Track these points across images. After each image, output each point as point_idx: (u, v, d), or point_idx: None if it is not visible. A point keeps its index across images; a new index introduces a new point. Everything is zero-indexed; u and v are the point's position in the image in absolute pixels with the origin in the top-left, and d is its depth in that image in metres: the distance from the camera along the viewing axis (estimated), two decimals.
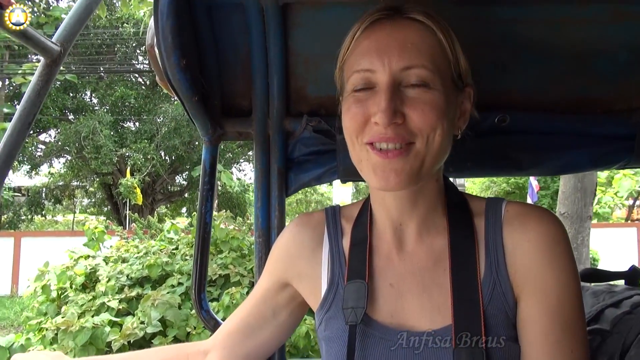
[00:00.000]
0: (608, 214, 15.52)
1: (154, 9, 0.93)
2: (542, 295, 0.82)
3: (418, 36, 0.83)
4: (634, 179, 13.52)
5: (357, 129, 0.84)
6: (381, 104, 0.80)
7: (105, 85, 18.54)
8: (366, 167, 0.86)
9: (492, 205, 0.92)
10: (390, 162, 0.82)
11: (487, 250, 0.87)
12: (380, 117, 0.79)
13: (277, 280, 1.04)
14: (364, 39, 0.85)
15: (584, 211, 5.02)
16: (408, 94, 0.81)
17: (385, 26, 0.84)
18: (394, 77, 0.81)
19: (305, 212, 1.08)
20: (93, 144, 16.71)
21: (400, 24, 0.84)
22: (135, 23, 16.71)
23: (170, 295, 3.54)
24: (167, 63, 0.98)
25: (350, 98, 0.86)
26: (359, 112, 0.84)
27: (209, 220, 1.30)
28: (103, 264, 4.46)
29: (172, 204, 23.48)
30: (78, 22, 1.18)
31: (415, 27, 0.84)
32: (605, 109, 1.29)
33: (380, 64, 0.81)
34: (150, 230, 7.66)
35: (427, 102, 0.80)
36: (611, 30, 1.18)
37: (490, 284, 0.84)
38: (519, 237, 0.86)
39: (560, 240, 0.85)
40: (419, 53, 0.81)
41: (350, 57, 0.87)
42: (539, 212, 0.89)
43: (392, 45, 0.82)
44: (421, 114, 0.80)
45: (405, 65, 0.81)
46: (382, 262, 0.92)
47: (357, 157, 0.88)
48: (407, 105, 0.80)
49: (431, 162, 0.84)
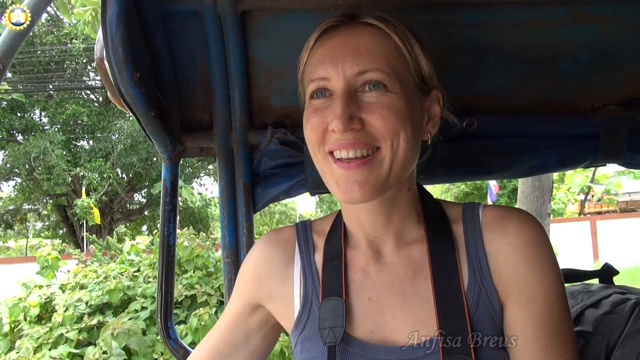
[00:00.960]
0: (562, 210, 16.13)
1: (102, 18, 0.86)
2: (528, 300, 0.81)
3: (372, 40, 0.82)
4: (583, 174, 14.12)
5: (318, 139, 0.82)
6: (336, 110, 0.78)
7: (55, 104, 17.87)
8: (330, 180, 0.84)
9: (469, 211, 0.90)
10: (353, 173, 0.79)
11: (468, 256, 0.85)
12: (336, 124, 0.77)
13: (247, 302, 0.98)
14: (319, 47, 0.84)
15: (543, 209, 5.17)
16: (365, 98, 0.79)
17: (339, 33, 0.83)
18: (348, 83, 0.79)
19: (274, 229, 1.04)
20: (44, 164, 16.05)
21: (354, 29, 0.83)
22: (85, 38, 16.21)
23: (133, 322, 3.37)
24: (119, 77, 0.91)
25: (309, 108, 0.84)
26: (317, 121, 0.82)
27: (172, 243, 1.22)
28: (59, 292, 4.21)
29: (132, 223, 22.81)
30: (18, 35, 1.08)
31: (369, 31, 0.83)
32: (570, 109, 1.30)
33: (335, 71, 0.80)
34: (109, 251, 7.38)
35: (385, 106, 0.79)
36: (573, 32, 1.19)
37: (475, 291, 0.82)
38: (499, 242, 0.84)
39: (541, 242, 0.84)
40: (373, 57, 0.80)
41: (307, 68, 0.86)
42: (517, 214, 0.87)
43: (345, 51, 0.81)
44: (380, 117, 0.78)
45: (359, 70, 0.79)
46: (359, 275, 0.89)
47: (321, 169, 0.86)
48: (364, 110, 0.79)
49: (398, 169, 0.81)
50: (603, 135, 1.26)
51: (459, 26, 1.15)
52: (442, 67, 1.21)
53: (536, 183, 5.14)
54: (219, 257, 4.93)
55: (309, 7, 1.09)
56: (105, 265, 4.91)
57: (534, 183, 5.16)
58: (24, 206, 20.59)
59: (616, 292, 1.10)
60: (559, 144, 1.28)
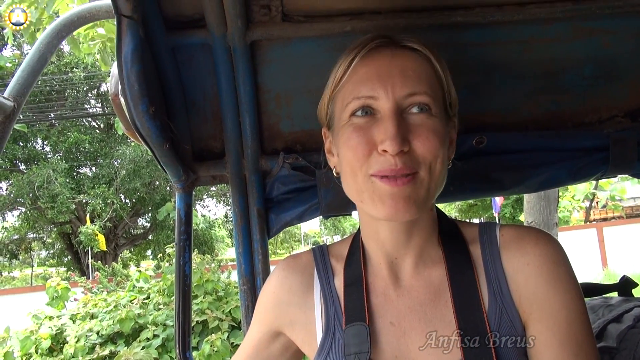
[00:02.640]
0: (568, 217, 16.07)
1: (117, 56, 0.88)
2: (551, 320, 0.80)
3: (417, 64, 0.83)
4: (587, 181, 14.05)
5: (360, 159, 0.81)
6: (389, 130, 0.77)
7: (57, 132, 18.01)
8: (370, 197, 0.81)
9: (485, 231, 0.90)
10: (400, 190, 0.78)
11: (487, 278, 0.85)
12: (389, 145, 0.77)
13: (268, 330, 0.98)
14: (362, 66, 0.83)
15: (550, 218, 5.15)
16: (411, 120, 0.80)
17: (385, 54, 0.83)
18: (397, 104, 0.79)
19: (291, 255, 1.03)
20: (48, 193, 16.10)
21: (399, 52, 0.84)
22: (85, 67, 16.40)
23: (145, 351, 3.33)
24: (135, 112, 0.92)
25: (349, 127, 0.82)
26: (362, 140, 0.80)
27: (188, 272, 1.22)
28: (70, 322, 4.17)
29: (137, 248, 22.76)
30: (31, 74, 1.10)
31: (414, 55, 0.84)
32: (578, 122, 1.31)
33: (383, 90, 0.80)
34: (115, 277, 7.34)
35: (430, 129, 0.79)
36: (575, 46, 1.21)
37: (497, 313, 0.82)
38: (518, 262, 0.84)
39: (561, 260, 0.84)
40: (419, 80, 0.81)
41: (347, 85, 0.84)
42: (534, 234, 0.87)
43: (393, 73, 0.80)
44: (425, 140, 0.79)
45: (408, 92, 0.79)
46: (379, 300, 0.88)
47: (357, 188, 0.83)
48: (411, 132, 0.79)
49: (434, 190, 0.82)
50: (612, 147, 1.27)
51: (465, 46, 1.17)
52: None
53: (542, 193, 5.12)
54: (228, 281, 4.89)
55: (315, 34, 1.11)
56: (114, 294, 4.88)
57: (540, 193, 5.15)
58: (29, 235, 20.59)
59: (637, 305, 1.09)
60: (568, 158, 1.29)
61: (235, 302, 4.33)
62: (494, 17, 1.09)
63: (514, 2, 1.08)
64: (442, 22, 1.10)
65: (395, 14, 1.08)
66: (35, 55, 1.09)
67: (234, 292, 4.66)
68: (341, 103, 0.85)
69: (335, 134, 0.87)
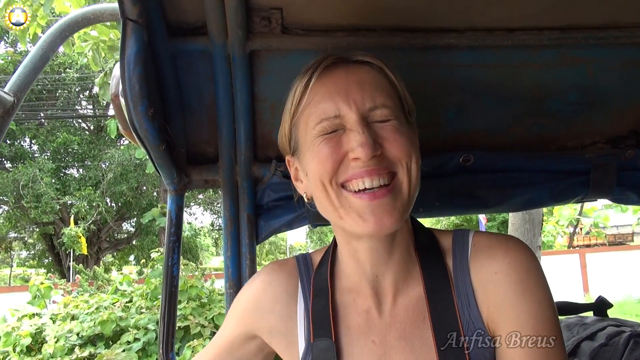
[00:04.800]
0: (552, 242, 16.21)
1: (120, 57, 0.90)
2: (518, 330, 0.79)
3: (372, 76, 0.84)
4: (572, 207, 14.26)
5: (329, 170, 0.80)
6: (358, 137, 0.77)
7: (46, 132, 17.86)
8: (348, 214, 0.80)
9: (459, 240, 0.89)
10: (380, 203, 0.78)
11: (457, 291, 0.84)
12: (361, 151, 0.76)
13: (244, 331, 0.97)
14: (320, 86, 0.83)
15: (534, 241, 5.22)
16: (377, 128, 0.80)
17: (339, 71, 0.84)
18: (362, 115, 0.80)
19: (277, 261, 1.02)
20: (33, 192, 15.89)
21: (353, 67, 0.84)
22: (79, 68, 16.34)
23: (126, 354, 3.30)
24: (134, 112, 0.94)
25: (317, 142, 0.81)
26: (332, 151, 0.80)
27: (176, 273, 1.23)
28: (50, 322, 4.12)
29: (119, 252, 22.47)
30: (33, 71, 1.12)
31: (367, 68, 0.85)
32: (561, 146, 1.35)
33: (346, 106, 0.80)
34: (96, 281, 7.25)
35: (398, 132, 0.80)
36: (561, 73, 1.26)
37: (468, 327, 0.81)
38: (487, 272, 0.83)
39: (531, 268, 0.82)
40: (377, 92, 0.82)
41: (308, 107, 0.83)
42: (504, 241, 0.86)
43: (352, 88, 0.81)
44: (395, 143, 0.79)
45: (370, 106, 0.80)
46: (362, 318, 0.88)
47: (331, 205, 0.81)
48: (380, 137, 0.79)
49: (414, 193, 0.82)
50: (593, 171, 1.32)
51: (456, 67, 1.21)
52: (439, 105, 1.28)
53: (526, 216, 5.21)
54: (212, 288, 4.87)
55: (312, 48, 1.14)
56: (96, 296, 4.83)
57: (524, 216, 5.23)
58: (10, 234, 20.23)
59: (611, 324, 1.12)
60: (551, 180, 1.33)
61: (218, 310, 4.31)
62: (485, 41, 1.13)
63: (504, 27, 1.12)
64: (435, 44, 1.14)
65: (390, 32, 1.12)
66: (38, 53, 1.11)
67: (218, 299, 4.64)
68: (305, 126, 0.84)
69: (302, 156, 0.86)
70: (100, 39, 3.75)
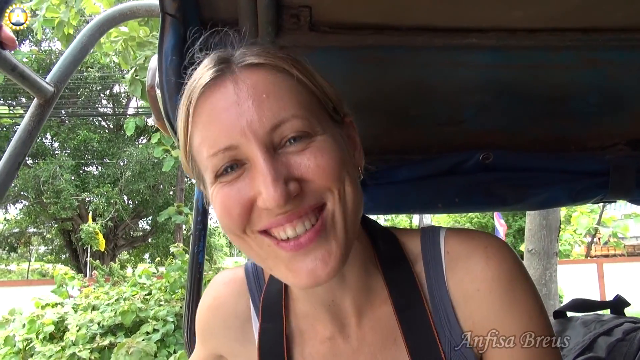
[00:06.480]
0: (569, 251, 16.01)
1: (158, 50, 0.95)
2: (509, 346, 0.71)
3: (270, 82, 0.64)
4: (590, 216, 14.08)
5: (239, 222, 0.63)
6: (264, 181, 0.59)
7: (67, 129, 18.20)
8: (276, 266, 0.66)
9: (428, 244, 0.77)
10: (309, 251, 0.63)
11: (433, 305, 0.74)
12: (270, 200, 0.59)
13: (211, 353, 0.91)
14: (204, 110, 0.65)
15: (550, 247, 5.18)
16: (290, 155, 0.63)
17: (226, 85, 0.64)
18: (264, 144, 0.62)
19: (224, 275, 0.89)
20: (53, 188, 16.22)
21: (244, 74, 0.65)
22: (101, 67, 16.65)
23: (146, 343, 3.38)
24: (169, 103, 0.99)
25: (217, 189, 0.65)
26: (234, 199, 0.63)
27: (201, 260, 1.28)
28: (72, 312, 4.25)
29: (135, 250, 22.76)
30: (73, 63, 1.18)
31: (263, 73, 0.65)
32: (580, 147, 1.37)
33: (240, 133, 0.61)
34: (112, 277, 7.38)
35: (318, 153, 0.63)
36: (582, 75, 1.28)
37: (447, 345, 0.72)
38: (467, 288, 0.73)
39: (515, 278, 0.73)
40: (280, 102, 0.63)
41: (195, 138, 0.66)
42: (483, 246, 0.74)
43: (244, 106, 0.62)
44: (318, 170, 0.62)
45: (272, 124, 0.62)
46: (325, 346, 0.78)
47: (257, 255, 0.67)
48: (296, 169, 0.62)
49: (352, 222, 0.66)
50: (612, 172, 1.33)
51: (478, 66, 1.23)
52: (460, 104, 1.31)
53: (543, 222, 5.17)
54: None
55: (338, 45, 1.18)
56: (117, 287, 4.97)
57: (542, 222, 5.19)
58: (29, 229, 20.65)
59: (627, 321, 1.14)
60: (569, 180, 1.35)
61: None
62: (506, 42, 1.16)
63: (526, 28, 1.15)
64: (457, 43, 1.17)
65: (413, 32, 1.15)
66: (78, 46, 1.17)
67: None
68: (200, 162, 0.67)
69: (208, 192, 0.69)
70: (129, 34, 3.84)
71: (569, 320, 1.29)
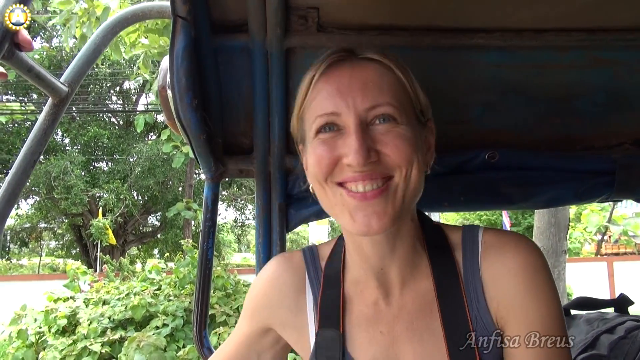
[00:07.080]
0: (578, 249, 15.89)
1: (170, 52, 0.97)
2: (527, 328, 0.81)
3: (377, 75, 0.82)
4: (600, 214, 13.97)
5: (324, 170, 0.80)
6: (352, 144, 0.76)
7: (78, 126, 18.36)
8: (342, 212, 0.81)
9: (468, 236, 0.90)
10: (370, 205, 0.78)
11: (467, 286, 0.85)
12: (353, 159, 0.76)
13: (259, 326, 1.00)
14: (323, 82, 0.83)
15: (559, 245, 5.16)
16: (377, 131, 0.79)
17: (344, 68, 0.82)
18: (360, 117, 0.78)
19: (283, 253, 1.04)
20: (64, 184, 16.38)
21: (359, 64, 0.83)
22: (111, 64, 16.76)
23: (156, 337, 3.44)
24: (180, 103, 1.02)
25: (315, 142, 0.82)
26: (326, 154, 0.80)
27: (210, 257, 1.31)
28: (83, 306, 4.32)
29: (144, 246, 22.95)
30: (86, 63, 1.21)
31: (373, 66, 0.83)
32: (586, 146, 1.38)
33: (345, 105, 0.79)
34: (122, 272, 7.47)
35: (398, 137, 0.78)
36: (589, 74, 1.28)
37: (475, 321, 0.83)
38: (498, 270, 0.84)
39: (540, 268, 0.84)
40: (381, 91, 0.80)
41: (312, 103, 0.84)
42: (515, 240, 0.87)
43: (354, 86, 0.80)
44: (395, 148, 0.78)
45: (370, 105, 0.79)
46: (370, 310, 0.89)
47: (328, 202, 0.83)
48: (378, 143, 0.78)
49: (410, 198, 0.81)
50: (619, 171, 1.33)
51: (484, 66, 1.25)
52: (467, 103, 1.32)
53: (552, 219, 5.15)
54: (237, 279, 5.02)
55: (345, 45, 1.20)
56: (127, 282, 5.03)
57: (550, 219, 5.18)
58: (40, 224, 20.90)
59: (631, 319, 1.15)
60: (575, 179, 1.36)
61: (243, 300, 4.46)
62: (513, 42, 1.17)
63: (533, 28, 1.16)
64: (463, 43, 1.18)
65: (420, 32, 1.16)
66: (91, 47, 1.19)
67: (242, 290, 4.80)
68: (308, 121, 0.85)
69: (306, 149, 0.87)
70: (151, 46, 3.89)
71: (572, 318, 1.30)
